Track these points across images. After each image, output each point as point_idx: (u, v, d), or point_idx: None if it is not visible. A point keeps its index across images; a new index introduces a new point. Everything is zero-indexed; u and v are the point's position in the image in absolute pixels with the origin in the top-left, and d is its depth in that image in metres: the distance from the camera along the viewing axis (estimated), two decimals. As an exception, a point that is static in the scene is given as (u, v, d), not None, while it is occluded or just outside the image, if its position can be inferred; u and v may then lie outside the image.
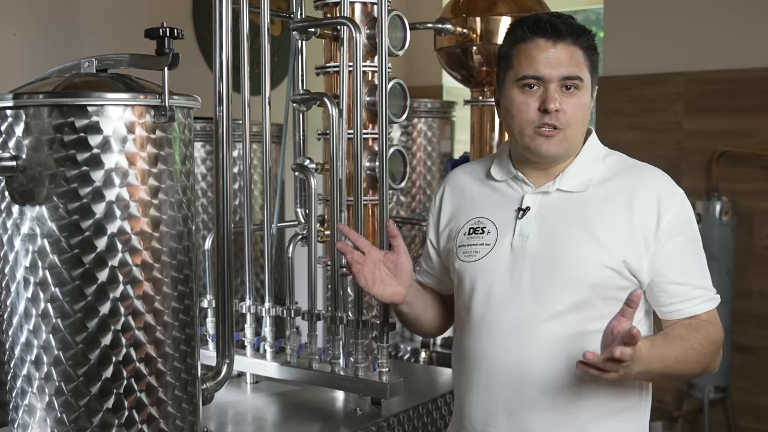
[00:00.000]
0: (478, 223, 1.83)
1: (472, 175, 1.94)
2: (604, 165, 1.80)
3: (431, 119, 4.18)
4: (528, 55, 1.73)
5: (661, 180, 1.77)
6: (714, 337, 1.74)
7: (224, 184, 1.85)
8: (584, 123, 1.77)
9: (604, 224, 1.72)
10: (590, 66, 1.75)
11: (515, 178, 1.83)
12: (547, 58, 1.71)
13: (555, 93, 1.70)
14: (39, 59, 3.09)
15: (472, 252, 1.81)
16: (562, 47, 1.71)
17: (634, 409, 1.79)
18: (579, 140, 1.79)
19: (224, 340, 1.89)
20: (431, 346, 3.59)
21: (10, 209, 1.63)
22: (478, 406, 1.79)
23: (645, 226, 1.71)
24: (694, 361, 1.71)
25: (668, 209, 1.71)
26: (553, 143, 1.73)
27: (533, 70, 1.71)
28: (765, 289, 4.19)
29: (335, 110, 2.38)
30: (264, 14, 2.39)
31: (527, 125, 1.73)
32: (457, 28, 2.87)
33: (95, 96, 1.58)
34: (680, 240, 1.73)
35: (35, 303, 1.61)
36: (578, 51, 1.73)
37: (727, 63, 4.20)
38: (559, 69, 1.70)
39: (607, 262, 1.70)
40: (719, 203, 4.14)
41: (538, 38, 1.72)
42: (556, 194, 1.78)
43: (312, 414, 2.35)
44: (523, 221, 1.77)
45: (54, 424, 1.63)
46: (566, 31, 1.72)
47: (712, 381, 4.17)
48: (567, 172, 1.78)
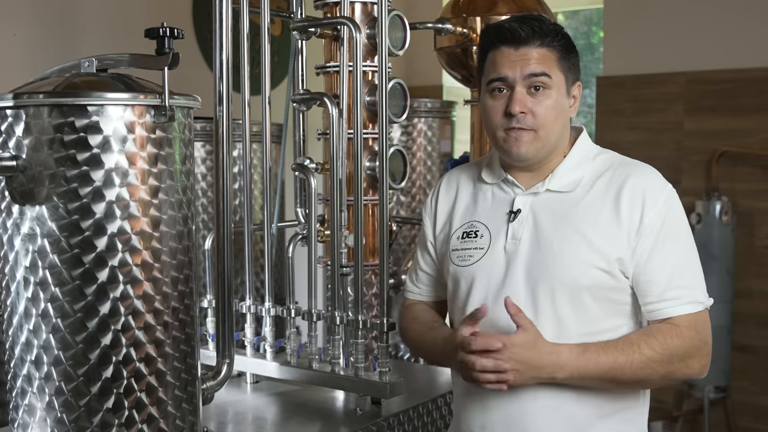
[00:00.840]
0: (471, 227, 1.84)
1: (465, 177, 1.94)
2: (594, 164, 1.80)
3: (431, 119, 4.19)
4: (493, 60, 1.76)
5: (650, 177, 1.75)
6: (676, 343, 1.67)
7: (224, 184, 1.85)
8: (559, 124, 1.76)
9: (594, 225, 1.71)
10: (563, 66, 1.76)
11: (505, 181, 1.83)
12: (510, 60, 1.73)
13: (521, 96, 1.72)
14: (39, 59, 3.09)
15: (465, 256, 1.81)
16: (525, 51, 1.73)
17: (632, 410, 1.79)
18: (555, 141, 1.78)
19: (224, 340, 1.89)
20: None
21: (10, 209, 1.63)
22: (476, 409, 1.79)
23: (630, 222, 1.70)
24: (645, 368, 1.67)
25: (652, 206, 1.70)
26: (523, 144, 1.74)
27: (497, 73, 1.75)
28: (765, 289, 4.19)
29: (335, 110, 2.38)
30: (264, 14, 2.39)
31: (497, 128, 1.76)
32: (457, 28, 2.87)
33: (95, 96, 1.58)
34: (663, 237, 1.70)
35: (35, 303, 1.61)
36: (546, 53, 1.74)
37: (727, 63, 4.20)
38: (523, 69, 1.72)
39: (597, 263, 1.70)
40: (719, 203, 4.14)
41: (502, 45, 1.75)
42: (545, 195, 1.79)
43: (312, 414, 2.35)
44: (515, 224, 1.78)
45: (54, 423, 1.63)
46: (528, 35, 1.73)
47: (712, 381, 4.17)
48: (556, 173, 1.79)
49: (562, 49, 1.76)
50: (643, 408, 1.82)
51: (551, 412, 1.72)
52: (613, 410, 1.75)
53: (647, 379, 1.71)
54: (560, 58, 1.75)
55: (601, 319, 1.72)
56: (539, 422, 1.73)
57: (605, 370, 1.66)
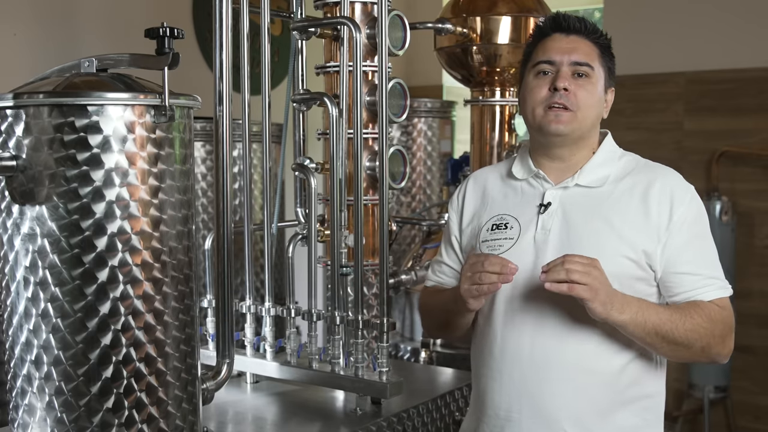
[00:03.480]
0: (501, 219, 1.89)
1: (493, 175, 2.01)
2: (619, 164, 1.89)
3: (431, 119, 4.19)
4: (544, 46, 1.87)
5: (674, 177, 1.86)
6: (718, 317, 1.77)
7: (224, 184, 1.85)
8: (596, 110, 1.86)
9: (622, 217, 1.80)
10: (603, 62, 1.87)
11: (536, 176, 1.90)
12: (560, 46, 1.85)
13: (567, 75, 1.82)
14: (39, 59, 3.09)
15: (495, 246, 1.86)
16: (575, 38, 1.85)
17: (653, 399, 1.86)
18: (589, 127, 1.86)
19: (224, 340, 1.89)
20: (431, 346, 3.58)
21: (10, 209, 1.63)
22: (502, 393, 1.84)
23: (659, 218, 1.79)
24: (694, 332, 1.73)
25: (680, 204, 1.80)
26: (563, 121, 1.81)
27: (546, 56, 1.85)
28: (765, 289, 4.19)
29: (335, 110, 2.38)
30: (264, 14, 2.39)
31: (538, 105, 1.84)
32: (457, 27, 2.87)
33: (95, 96, 1.58)
34: (691, 233, 1.80)
35: (35, 303, 1.61)
36: (591, 45, 1.86)
37: (727, 63, 4.20)
38: (570, 54, 1.83)
39: (625, 252, 1.78)
40: (719, 203, 4.14)
41: (554, 32, 1.88)
42: (575, 189, 1.86)
43: (312, 414, 2.35)
44: (545, 216, 1.84)
45: (54, 423, 1.63)
46: (579, 26, 1.86)
47: (712, 381, 4.18)
48: (585, 169, 1.87)
49: (605, 48, 1.89)
50: (662, 398, 1.90)
51: (576, 395, 1.78)
52: (635, 397, 1.82)
53: (692, 345, 1.75)
54: (602, 55, 1.87)
55: None
56: (564, 405, 1.78)
57: (661, 322, 1.72)
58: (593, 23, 1.89)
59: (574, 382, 1.78)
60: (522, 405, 1.81)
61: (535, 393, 1.80)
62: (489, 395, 1.87)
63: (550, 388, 1.79)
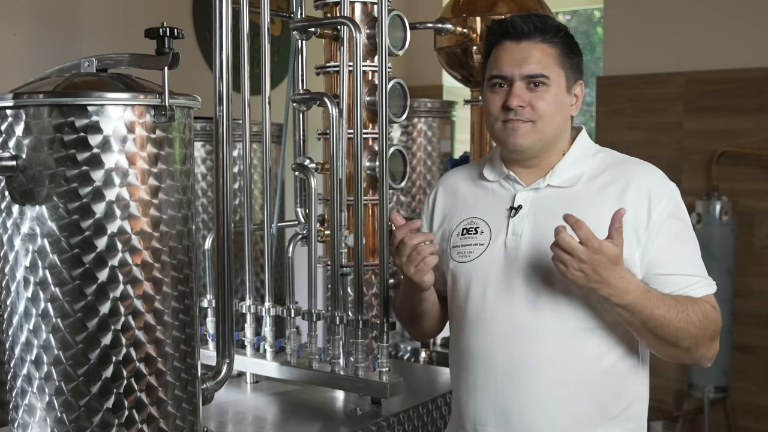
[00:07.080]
0: (471, 223, 1.85)
1: (465, 176, 1.96)
2: (594, 161, 1.82)
3: (431, 119, 4.19)
4: (496, 56, 1.80)
5: (652, 174, 1.78)
6: (711, 316, 1.70)
7: (224, 184, 1.85)
8: (558, 118, 1.78)
9: (596, 219, 1.70)
10: (563, 63, 1.78)
11: (507, 178, 1.85)
12: (512, 57, 1.76)
13: (519, 90, 1.75)
14: (39, 59, 3.09)
15: (466, 252, 1.82)
16: (526, 45, 1.76)
17: (633, 408, 1.78)
18: (553, 134, 1.79)
19: (224, 340, 1.89)
20: (431, 346, 3.59)
21: (10, 209, 1.63)
22: (476, 406, 1.79)
23: (636, 219, 1.71)
24: (685, 330, 1.66)
25: (659, 202, 1.73)
26: (521, 135, 1.76)
27: (498, 70, 1.78)
28: (765, 289, 4.19)
29: (335, 110, 2.38)
30: (264, 14, 2.39)
31: (495, 120, 1.79)
32: (457, 27, 2.87)
33: (95, 96, 1.58)
34: (672, 231, 1.73)
35: (35, 303, 1.61)
36: (546, 48, 1.77)
37: (727, 63, 4.20)
38: (522, 68, 1.75)
39: None
40: (719, 203, 4.14)
41: (504, 40, 1.79)
42: (546, 190, 1.80)
43: (312, 414, 2.35)
44: (516, 220, 1.79)
45: (54, 423, 1.63)
46: (530, 30, 1.76)
47: (712, 381, 4.17)
48: (557, 169, 1.81)
49: (563, 47, 1.78)
50: (643, 405, 1.82)
51: (555, 408, 1.72)
52: (614, 409, 1.75)
53: (679, 342, 1.68)
54: (560, 56, 1.78)
55: (600, 314, 1.72)
56: (542, 418, 1.72)
57: (656, 316, 1.64)
58: (549, 20, 1.79)
59: (552, 394, 1.71)
60: (496, 419, 1.75)
61: (509, 406, 1.73)
62: (463, 408, 1.82)
63: (524, 400, 1.72)
